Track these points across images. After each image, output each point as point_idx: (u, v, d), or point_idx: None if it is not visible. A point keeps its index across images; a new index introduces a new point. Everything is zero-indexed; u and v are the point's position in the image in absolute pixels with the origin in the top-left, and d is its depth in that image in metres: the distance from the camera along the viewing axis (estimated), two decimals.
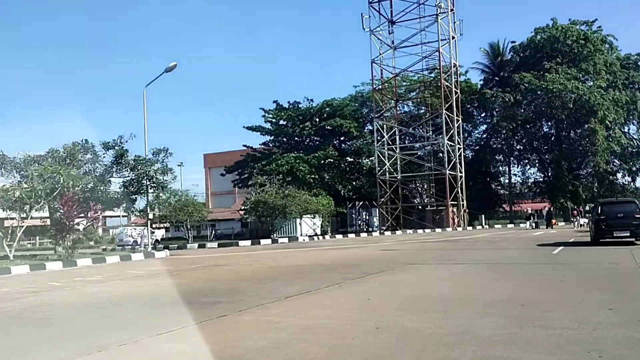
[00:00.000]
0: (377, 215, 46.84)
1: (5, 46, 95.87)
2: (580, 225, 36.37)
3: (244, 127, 56.10)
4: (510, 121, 47.34)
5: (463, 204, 45.81)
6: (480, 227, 44.68)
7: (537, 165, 54.28)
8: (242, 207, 41.77)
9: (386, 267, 12.21)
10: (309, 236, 40.72)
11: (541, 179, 54.10)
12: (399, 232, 39.17)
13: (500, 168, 57.71)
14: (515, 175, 55.16)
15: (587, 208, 39.95)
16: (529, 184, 54.15)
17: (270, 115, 56.72)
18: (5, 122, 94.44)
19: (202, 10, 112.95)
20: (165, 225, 49.79)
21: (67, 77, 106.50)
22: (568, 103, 45.03)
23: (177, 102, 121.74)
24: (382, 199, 46.59)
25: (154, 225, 43.83)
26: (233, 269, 14.09)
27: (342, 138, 57.14)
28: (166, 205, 39.74)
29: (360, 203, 48.01)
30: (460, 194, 44.21)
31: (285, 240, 34.88)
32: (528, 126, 51.63)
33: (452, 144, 45.05)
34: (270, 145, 59.20)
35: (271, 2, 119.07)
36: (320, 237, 37.72)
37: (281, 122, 57.83)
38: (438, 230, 40.64)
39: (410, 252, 18.41)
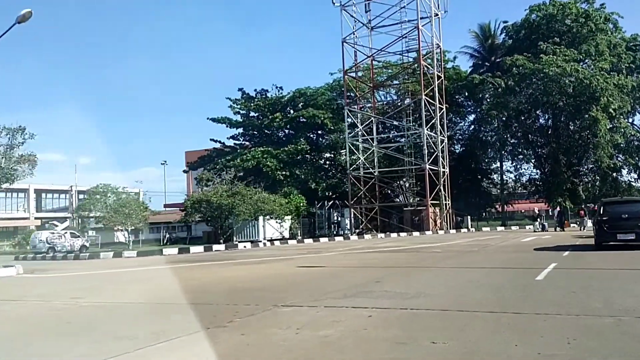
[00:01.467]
0: (350, 216, 41.30)
1: None
2: (588, 227, 31.15)
3: (208, 118, 50.64)
4: (501, 110, 41.79)
5: (447, 204, 40.30)
6: (465, 230, 39.17)
7: (532, 160, 48.66)
8: (181, 208, 36.21)
9: (243, 311, 6.81)
10: (271, 240, 35.40)
11: (537, 176, 48.50)
12: (367, 237, 33.66)
13: (493, 164, 52.14)
14: (508, 172, 49.60)
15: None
16: (524, 182, 48.53)
17: (238, 106, 51.26)
18: None
19: None
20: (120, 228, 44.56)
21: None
22: (566, 88, 39.47)
23: (155, 93, 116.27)
24: (355, 198, 41.05)
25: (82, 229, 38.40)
26: None
27: (319, 132, 51.68)
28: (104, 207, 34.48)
29: (330, 203, 42.45)
30: (442, 192, 38.69)
31: (248, 245, 29.68)
32: (522, 117, 46.07)
33: (434, 135, 39.54)
34: (241, 139, 53.80)
35: None
36: (290, 242, 32.28)
37: (251, 113, 52.42)
38: (416, 233, 35.15)
39: (332, 271, 12.90)
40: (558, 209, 35.88)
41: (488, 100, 43.90)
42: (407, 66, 41.87)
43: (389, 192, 48.51)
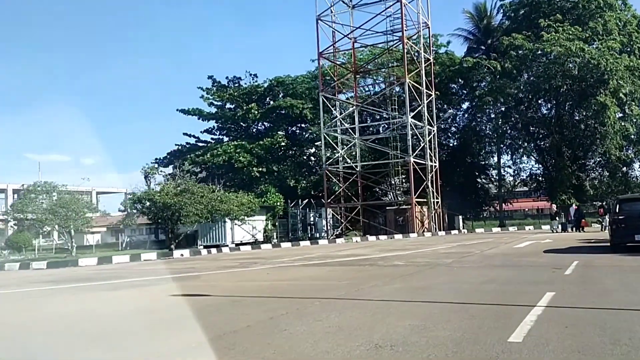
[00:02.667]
0: (327, 217, 36.79)
1: None
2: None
3: (177, 109, 46.22)
4: (497, 96, 37.12)
5: (437, 202, 35.72)
6: (457, 231, 34.60)
7: (533, 154, 43.95)
8: (120, 209, 31.76)
9: None
10: (240, 245, 31.26)
11: (538, 171, 43.82)
12: (340, 241, 29.15)
13: (492, 159, 47.37)
14: (508, 166, 44.92)
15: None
16: (524, 178, 43.86)
17: (211, 96, 46.83)
18: None
19: None
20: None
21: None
22: (571, 70, 34.83)
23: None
24: (333, 196, 36.53)
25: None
26: None
27: (301, 125, 47.20)
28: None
29: (305, 202, 37.95)
30: (430, 189, 34.13)
31: (214, 250, 25.51)
32: (522, 107, 41.40)
33: (421, 124, 34.99)
34: (217, 133, 49.35)
35: None
36: (263, 246, 27.95)
37: (227, 104, 47.95)
38: (398, 236, 30.62)
39: (221, 302, 8.45)
40: (574, 206, 31.13)
41: (482, 85, 39.20)
42: (392, 49, 37.25)
43: (377, 189, 43.97)
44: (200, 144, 48.24)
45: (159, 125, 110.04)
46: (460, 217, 36.71)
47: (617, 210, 15.05)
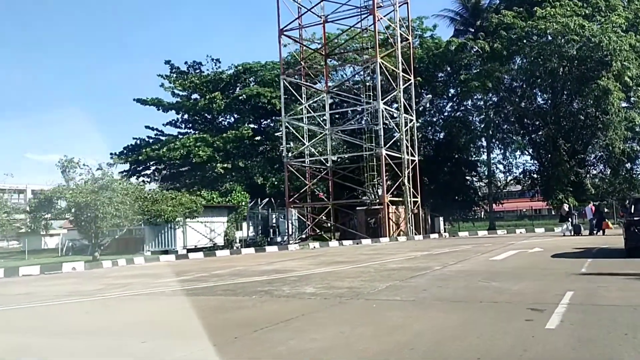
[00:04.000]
0: (291, 218, 32.32)
1: None
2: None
3: (134, 99, 41.70)
4: (484, 80, 32.56)
5: (416, 201, 31.24)
6: (437, 235, 30.07)
7: (527, 149, 39.40)
8: (26, 210, 27.28)
9: None
10: (194, 250, 26.96)
11: (533, 168, 39.29)
12: (293, 248, 24.64)
13: (484, 155, 42.80)
14: (500, 163, 40.34)
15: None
16: (517, 175, 39.31)
17: (171, 84, 42.34)
18: None
19: None
20: None
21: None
22: (569, 51, 30.33)
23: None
24: (297, 195, 32.04)
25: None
26: None
27: (273, 117, 42.67)
28: None
29: (265, 201, 33.43)
30: (407, 186, 29.62)
31: (164, 256, 21.33)
32: (515, 97, 36.88)
33: (396, 112, 30.50)
34: (182, 126, 44.84)
35: None
36: (220, 253, 23.50)
37: (192, 94, 43.44)
38: (366, 241, 26.17)
39: None
40: (591, 206, 26.50)
41: (470, 70, 34.56)
42: (367, 28, 32.68)
43: (352, 188, 39.46)
44: (164, 138, 43.78)
45: (122, 118, 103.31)
46: (441, 219, 32.19)
47: (632, 211, 13.78)
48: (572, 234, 25.10)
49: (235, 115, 42.04)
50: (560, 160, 34.16)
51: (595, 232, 24.75)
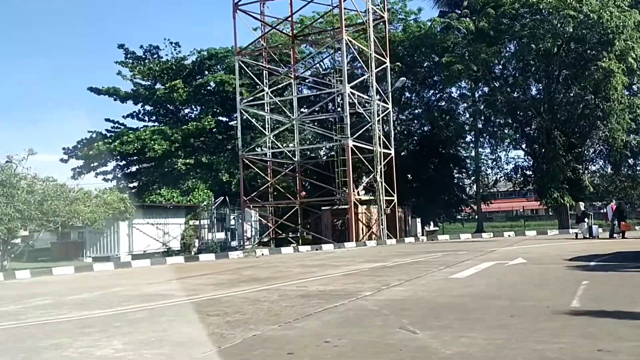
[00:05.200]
0: (249, 219, 28.56)
1: None
2: None
3: (88, 88, 37.86)
4: (469, 64, 28.74)
5: (392, 201, 27.49)
6: (413, 239, 26.23)
7: (521, 144, 35.57)
8: None
9: None
10: (142, 256, 23.36)
11: (526, 163, 35.44)
12: (235, 255, 20.80)
13: (473, 152, 38.92)
14: (490, 159, 36.50)
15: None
16: (508, 172, 35.46)
17: (129, 70, 38.50)
18: None
19: None
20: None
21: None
22: (565, 27, 26.54)
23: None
24: (255, 193, 28.19)
25: None
26: None
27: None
28: None
29: (219, 200, 29.62)
30: (379, 183, 25.83)
31: (108, 264, 17.79)
32: (507, 87, 33.06)
33: (366, 97, 26.72)
34: (146, 118, 40.95)
35: None
36: (171, 259, 19.84)
37: (156, 83, 39.59)
38: (328, 247, 22.41)
39: None
40: (612, 204, 22.75)
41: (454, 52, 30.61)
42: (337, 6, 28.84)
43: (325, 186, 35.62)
44: (121, 130, 39.86)
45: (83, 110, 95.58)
46: (419, 220, 28.41)
47: None
48: (589, 236, 21.48)
49: (199, 106, 38.21)
50: (555, 155, 30.35)
51: (615, 234, 21.15)
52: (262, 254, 20.69)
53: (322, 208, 26.94)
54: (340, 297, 8.25)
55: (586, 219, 22.32)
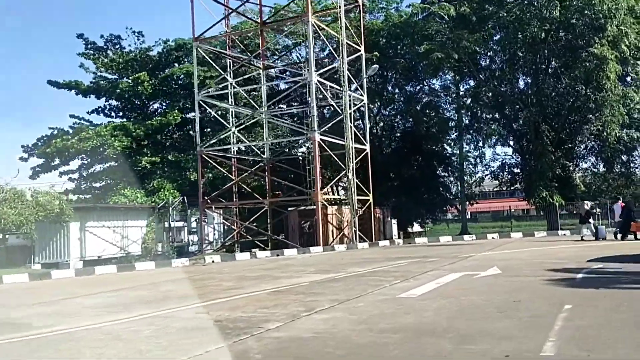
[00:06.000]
0: (212, 222, 26.24)
1: None
2: None
3: (48, 82, 35.34)
4: (450, 52, 26.52)
5: (367, 201, 25.22)
6: (387, 242, 23.92)
7: (508, 140, 33.44)
8: None
9: None
10: (96, 261, 21.14)
11: (513, 160, 33.34)
12: (180, 263, 18.46)
13: (457, 150, 36.62)
14: (471, 153, 34.34)
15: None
16: (494, 169, 33.30)
17: (92, 62, 36.00)
18: None
19: None
20: None
21: None
22: (552, 11, 24.37)
23: None
24: (217, 193, 25.85)
25: None
26: None
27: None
28: None
29: (177, 201, 27.23)
30: (351, 180, 23.55)
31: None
32: (494, 81, 30.92)
33: (338, 88, 24.45)
34: (113, 114, 38.42)
35: None
36: (126, 270, 17.48)
37: (122, 77, 37.08)
38: (291, 252, 20.13)
39: None
40: (620, 203, 20.64)
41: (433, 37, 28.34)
42: None
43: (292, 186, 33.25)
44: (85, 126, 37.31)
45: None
46: (394, 222, 26.16)
47: None
48: (595, 238, 19.42)
49: (167, 101, 35.79)
50: (543, 151, 28.23)
51: (622, 235, 19.07)
52: (213, 262, 18.36)
53: (289, 209, 24.64)
54: (232, 333, 5.98)
55: (591, 219, 20.11)
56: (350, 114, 24.15)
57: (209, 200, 25.80)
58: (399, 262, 14.22)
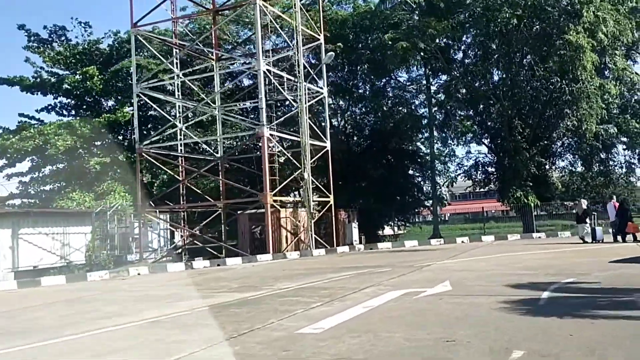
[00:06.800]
0: (156, 228, 23.84)
1: None
2: None
3: None
4: (416, 40, 24.50)
5: (328, 202, 23.07)
6: (347, 248, 21.73)
7: (482, 138, 31.54)
8: None
9: None
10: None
11: (487, 159, 31.43)
12: (97, 277, 16.10)
13: (434, 147, 34.56)
14: (444, 153, 32.41)
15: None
16: (467, 168, 31.33)
17: (39, 55, 33.27)
18: None
19: None
20: None
21: None
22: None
23: None
24: (161, 195, 23.50)
25: None
26: None
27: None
28: None
29: (113, 206, 24.71)
30: (307, 180, 21.35)
31: None
32: (468, 76, 28.98)
33: (291, 79, 22.27)
34: (66, 113, 35.68)
35: None
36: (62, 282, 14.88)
37: (74, 72, 34.38)
38: (233, 262, 17.88)
39: None
40: (613, 202, 18.95)
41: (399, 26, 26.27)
42: None
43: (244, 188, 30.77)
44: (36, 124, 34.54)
45: None
46: (354, 226, 24.02)
47: None
48: (591, 240, 17.63)
49: (117, 97, 33.23)
50: (517, 148, 26.37)
51: (619, 238, 17.31)
52: (138, 274, 16.00)
53: (238, 212, 22.37)
54: None
55: (588, 220, 18.24)
56: (306, 107, 21.97)
57: (152, 204, 23.40)
58: (342, 275, 12.06)
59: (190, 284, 12.15)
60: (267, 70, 21.05)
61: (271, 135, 20.21)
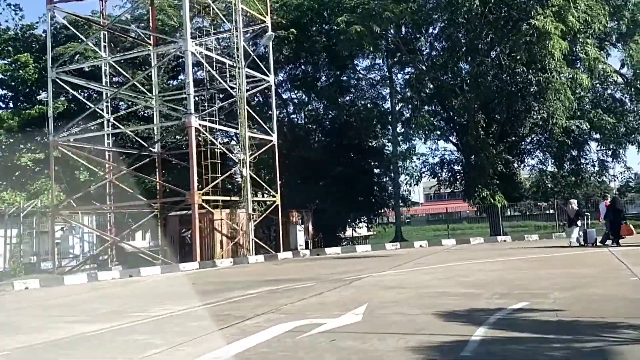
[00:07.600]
0: (78, 232, 21.10)
1: None
2: None
3: None
4: (371, 23, 22.21)
5: (274, 202, 20.63)
6: (290, 254, 19.31)
7: (450, 135, 29.39)
8: None
9: None
10: None
11: (453, 157, 29.30)
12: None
13: (400, 145, 32.26)
14: (407, 150, 30.14)
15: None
16: (431, 167, 29.12)
17: None
18: None
19: None
20: None
21: None
22: None
23: None
24: (81, 194, 20.75)
25: None
26: None
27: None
28: None
29: (28, 206, 21.85)
30: (244, 178, 18.89)
31: None
32: (431, 70, 26.83)
33: (228, 61, 19.79)
34: (2, 104, 32.52)
35: None
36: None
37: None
38: (150, 271, 15.36)
39: None
40: (606, 200, 17.35)
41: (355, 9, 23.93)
42: None
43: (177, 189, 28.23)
44: None
45: None
46: (299, 229, 21.62)
47: None
48: (583, 243, 15.91)
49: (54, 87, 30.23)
50: (483, 144, 24.30)
51: (611, 240, 15.53)
52: (26, 288, 13.37)
53: (169, 214, 19.82)
54: None
55: (579, 221, 16.26)
56: (245, 96, 19.53)
57: (74, 204, 20.68)
58: (250, 292, 9.66)
59: (49, 307, 9.59)
60: (201, 53, 18.56)
61: (202, 125, 17.68)
